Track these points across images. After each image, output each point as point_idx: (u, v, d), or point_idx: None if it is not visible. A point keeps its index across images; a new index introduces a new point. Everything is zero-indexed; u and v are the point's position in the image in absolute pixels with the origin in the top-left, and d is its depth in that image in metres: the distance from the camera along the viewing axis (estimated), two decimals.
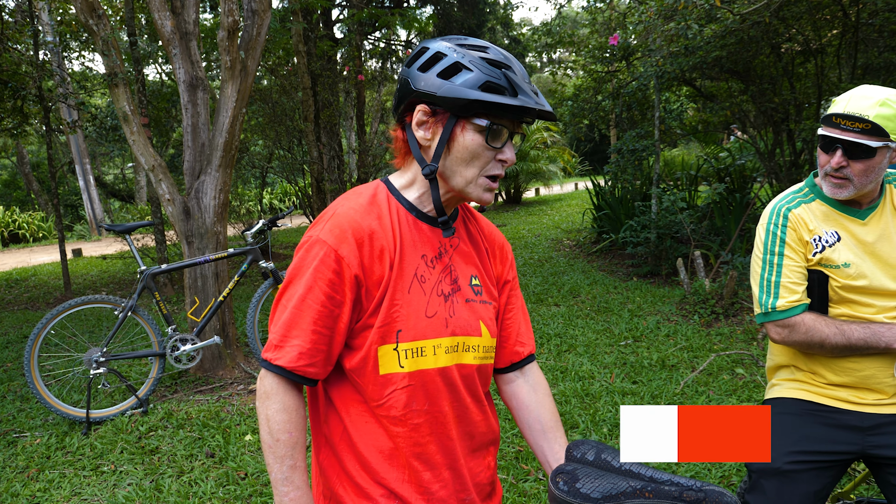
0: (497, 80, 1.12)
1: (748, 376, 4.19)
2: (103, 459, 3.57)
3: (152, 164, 4.70)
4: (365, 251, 1.15)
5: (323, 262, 1.13)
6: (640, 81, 7.42)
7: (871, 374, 1.75)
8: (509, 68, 1.14)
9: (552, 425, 1.37)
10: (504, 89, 1.12)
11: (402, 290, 1.18)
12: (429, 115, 1.16)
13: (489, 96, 1.11)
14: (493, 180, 1.20)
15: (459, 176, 1.18)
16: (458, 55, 1.14)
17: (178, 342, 4.26)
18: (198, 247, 4.68)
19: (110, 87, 4.70)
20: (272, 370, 1.16)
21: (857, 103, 1.63)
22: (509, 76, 1.13)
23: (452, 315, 1.23)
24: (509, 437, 3.54)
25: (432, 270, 1.23)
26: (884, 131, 1.60)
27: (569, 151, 19.17)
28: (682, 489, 1.30)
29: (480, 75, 1.12)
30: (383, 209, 1.20)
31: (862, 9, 5.84)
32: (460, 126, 1.15)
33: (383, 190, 1.24)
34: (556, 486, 1.38)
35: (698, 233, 7.05)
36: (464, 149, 1.16)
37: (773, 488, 1.77)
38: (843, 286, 1.76)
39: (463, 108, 1.12)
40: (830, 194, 1.76)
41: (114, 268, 11.23)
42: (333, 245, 1.13)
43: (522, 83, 1.14)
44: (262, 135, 11.26)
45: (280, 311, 1.17)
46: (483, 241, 1.37)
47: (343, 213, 1.17)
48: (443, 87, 1.12)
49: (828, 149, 1.71)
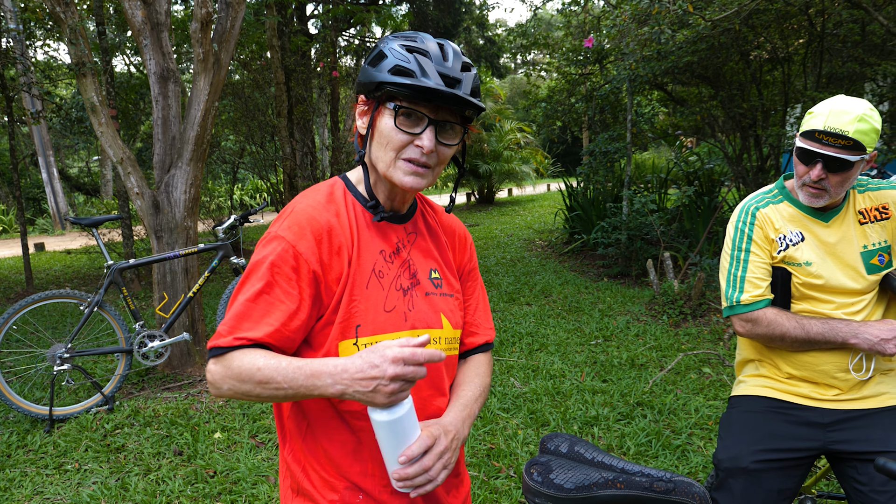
0: (405, 63, 1.14)
1: (714, 375, 4.28)
2: (67, 458, 3.49)
3: (121, 157, 4.61)
4: (324, 248, 1.16)
5: (280, 258, 1.14)
6: (613, 84, 7.52)
7: (828, 368, 1.83)
8: (425, 54, 1.16)
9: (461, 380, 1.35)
10: (412, 73, 1.13)
11: (361, 285, 1.19)
12: (365, 104, 1.22)
13: (394, 77, 1.13)
14: (416, 165, 1.18)
15: (380, 161, 1.20)
16: (388, 47, 1.17)
17: (145, 338, 4.18)
18: (167, 242, 4.60)
19: (77, 76, 4.59)
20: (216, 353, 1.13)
21: (837, 119, 1.68)
22: (420, 60, 1.14)
23: (412, 309, 1.24)
24: (481, 435, 3.56)
25: (390, 265, 1.24)
26: (862, 146, 1.67)
27: (542, 153, 19.33)
28: (653, 480, 1.34)
29: (392, 59, 1.15)
30: (340, 206, 1.22)
31: (827, 19, 6.01)
32: (378, 112, 1.19)
33: (340, 186, 1.27)
34: (530, 477, 1.41)
35: (668, 235, 7.17)
36: (380, 133, 1.18)
37: (741, 487, 1.82)
38: (804, 283, 1.84)
39: (373, 91, 1.17)
40: (807, 203, 1.83)
41: (78, 263, 10.98)
42: (292, 241, 1.14)
43: (432, 67, 1.14)
44: (234, 130, 11.11)
45: (234, 304, 1.17)
46: (443, 234, 1.39)
47: (301, 210, 1.18)
48: (362, 74, 1.18)
49: (808, 161, 1.77)
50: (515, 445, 3.41)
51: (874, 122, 1.68)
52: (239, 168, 12.41)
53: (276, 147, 10.88)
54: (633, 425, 3.58)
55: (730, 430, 1.93)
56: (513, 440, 3.48)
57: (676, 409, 3.77)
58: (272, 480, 3.15)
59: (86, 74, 4.55)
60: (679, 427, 3.55)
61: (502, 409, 3.88)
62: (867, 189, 1.89)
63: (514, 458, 3.28)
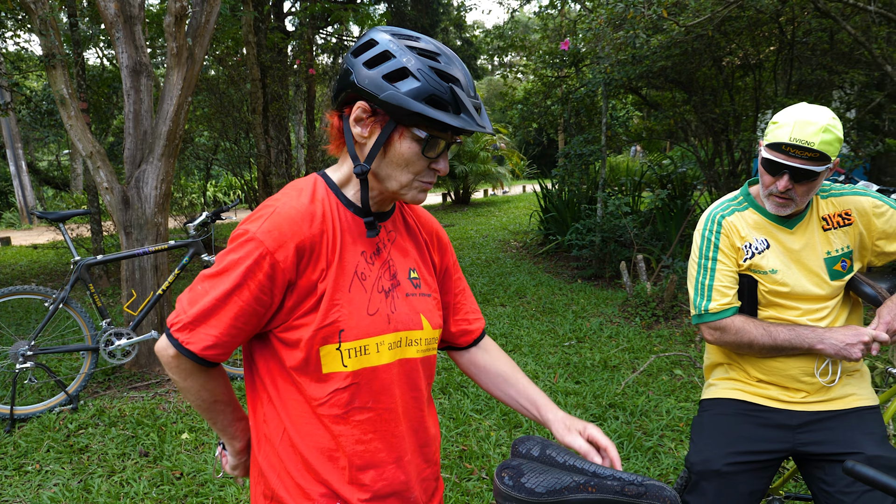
0: (443, 94, 1.10)
1: (686, 377, 4.33)
2: (27, 458, 3.40)
3: (90, 151, 4.51)
4: (304, 258, 1.13)
5: (256, 264, 1.10)
6: (588, 88, 7.57)
7: (795, 373, 1.85)
8: (457, 82, 1.12)
9: (511, 371, 1.44)
10: (448, 104, 1.10)
11: (343, 289, 1.16)
12: (368, 113, 1.14)
13: (433, 112, 1.09)
14: (427, 184, 1.20)
15: (394, 180, 1.17)
16: (407, 59, 1.10)
17: (112, 336, 4.09)
18: (136, 238, 4.51)
19: (47, 68, 4.47)
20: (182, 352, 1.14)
21: (802, 130, 1.68)
22: (456, 92, 1.11)
23: (394, 311, 1.22)
24: (453, 437, 3.55)
25: (372, 267, 1.22)
26: (827, 157, 1.69)
27: (518, 154, 19.39)
28: (624, 483, 1.33)
29: (427, 87, 1.09)
30: (325, 207, 1.18)
31: (797, 27, 6.12)
32: (398, 132, 1.14)
33: (322, 185, 1.22)
34: (501, 481, 1.39)
35: (641, 237, 7.24)
36: (399, 155, 1.15)
37: (713, 489, 1.84)
38: (770, 291, 1.86)
39: (404, 116, 1.11)
40: (774, 212, 1.85)
41: (45, 258, 10.71)
42: (270, 248, 1.10)
43: (467, 99, 1.12)
44: (208, 126, 10.94)
45: (201, 292, 1.14)
46: (421, 233, 1.37)
47: (285, 215, 1.13)
48: (386, 92, 1.09)
49: (774, 172, 1.78)
50: (488, 447, 3.41)
51: (837, 132, 1.70)
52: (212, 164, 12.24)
53: (250, 144, 10.74)
54: (606, 427, 3.60)
55: (702, 434, 1.94)
56: (485, 442, 3.48)
57: (648, 411, 3.81)
58: (240, 483, 3.10)
59: (56, 66, 4.45)
60: (651, 429, 3.58)
61: (475, 411, 3.87)
62: (830, 195, 1.90)
63: (487, 460, 3.28)
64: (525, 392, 1.40)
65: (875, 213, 1.86)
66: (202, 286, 1.14)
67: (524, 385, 1.41)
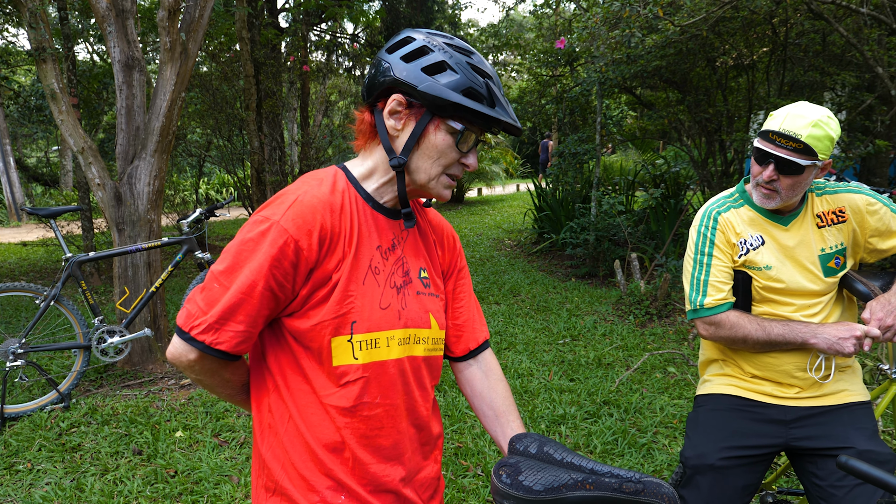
0: (479, 87, 1.14)
1: (679, 375, 4.35)
2: (19, 458, 3.37)
3: (82, 146, 4.47)
4: (325, 244, 1.13)
5: (281, 251, 1.09)
6: (583, 87, 7.59)
7: (789, 368, 1.87)
8: (491, 78, 1.17)
9: (504, 409, 1.39)
10: (483, 98, 1.15)
11: (357, 280, 1.17)
12: (404, 106, 1.16)
13: (470, 102, 1.13)
14: (453, 179, 1.23)
15: (423, 172, 1.19)
16: (445, 54, 1.15)
17: (105, 334, 4.06)
18: (129, 235, 4.48)
19: (37, 62, 4.43)
20: (209, 352, 1.12)
21: (793, 122, 1.72)
22: (491, 86, 1.16)
23: (405, 307, 1.23)
24: (448, 434, 3.54)
25: (386, 262, 1.22)
26: (813, 151, 1.71)
27: (511, 153, 19.42)
28: (622, 480, 1.33)
29: (465, 80, 1.14)
30: (344, 199, 1.19)
31: (790, 29, 6.15)
32: (434, 124, 1.16)
33: (342, 178, 1.23)
34: (498, 479, 1.39)
35: (635, 236, 7.26)
36: (433, 147, 1.17)
37: (707, 484, 1.85)
38: (764, 287, 1.88)
39: (442, 108, 1.14)
40: (759, 203, 1.87)
41: (35, 255, 10.63)
42: (294, 235, 1.10)
43: (500, 95, 1.17)
44: (201, 122, 10.88)
45: (219, 289, 1.11)
46: (431, 233, 1.37)
47: (307, 203, 1.13)
48: (425, 83, 1.13)
49: (761, 161, 1.81)
50: (483, 444, 3.41)
51: (829, 130, 1.71)
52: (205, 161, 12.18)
53: (243, 141, 10.70)
54: (600, 424, 3.61)
55: (696, 429, 1.96)
56: (480, 439, 3.48)
57: (642, 408, 3.82)
58: (235, 480, 3.09)
59: (46, 60, 4.41)
60: (645, 425, 3.59)
61: (470, 408, 3.88)
62: (825, 192, 1.92)
63: (482, 457, 3.28)
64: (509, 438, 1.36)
65: (868, 211, 1.88)
66: (219, 282, 1.12)
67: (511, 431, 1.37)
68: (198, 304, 1.13)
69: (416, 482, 1.30)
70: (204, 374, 1.18)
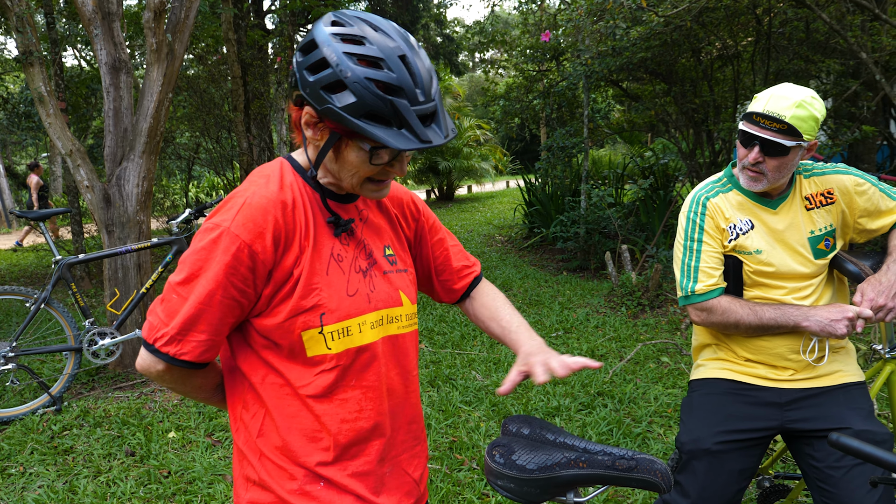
0: (382, 110, 1.03)
1: (672, 364, 4.37)
2: (11, 461, 3.35)
3: (70, 149, 4.45)
4: (281, 243, 1.12)
5: (235, 258, 1.07)
6: (569, 81, 7.60)
7: (782, 351, 1.87)
8: (400, 92, 1.03)
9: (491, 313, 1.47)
10: (389, 120, 1.04)
11: (320, 272, 1.15)
12: (315, 119, 1.11)
13: (370, 128, 1.03)
14: (381, 183, 1.18)
15: (345, 181, 1.17)
16: (343, 69, 1.02)
17: (96, 336, 4.04)
18: (119, 236, 4.46)
19: (24, 66, 4.40)
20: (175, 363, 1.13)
21: (776, 103, 1.71)
22: (398, 106, 1.03)
23: (373, 289, 1.22)
24: (443, 428, 3.55)
25: (347, 248, 1.21)
26: (798, 132, 1.70)
27: (500, 150, 19.44)
28: (615, 458, 1.34)
29: (362, 103, 1.02)
30: (295, 193, 1.16)
31: (773, 17, 6.19)
32: (344, 142, 1.11)
33: (289, 170, 1.20)
34: (492, 459, 1.40)
35: (625, 228, 7.29)
36: (348, 161, 1.13)
37: (704, 468, 1.84)
38: (755, 271, 1.88)
39: (345, 130, 1.08)
40: (746, 186, 1.87)
41: (25, 261, 10.56)
42: (247, 239, 1.08)
43: (410, 113, 1.04)
44: (189, 125, 10.84)
45: (178, 300, 1.10)
46: (392, 206, 1.36)
47: (256, 205, 1.10)
48: (324, 105, 1.04)
49: (746, 144, 1.80)
50: (478, 438, 3.42)
51: (813, 110, 1.71)
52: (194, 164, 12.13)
53: (232, 142, 10.66)
54: (595, 415, 3.63)
55: (691, 414, 1.95)
56: (475, 433, 3.48)
57: (636, 398, 3.84)
58: (229, 479, 3.08)
59: (33, 63, 4.38)
60: (639, 415, 3.61)
61: (464, 402, 3.88)
62: (812, 174, 1.92)
63: (477, 451, 3.28)
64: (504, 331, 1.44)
65: (857, 192, 1.88)
66: (177, 293, 1.10)
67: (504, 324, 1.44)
68: (159, 315, 1.12)
69: (404, 460, 1.29)
70: (174, 382, 1.19)
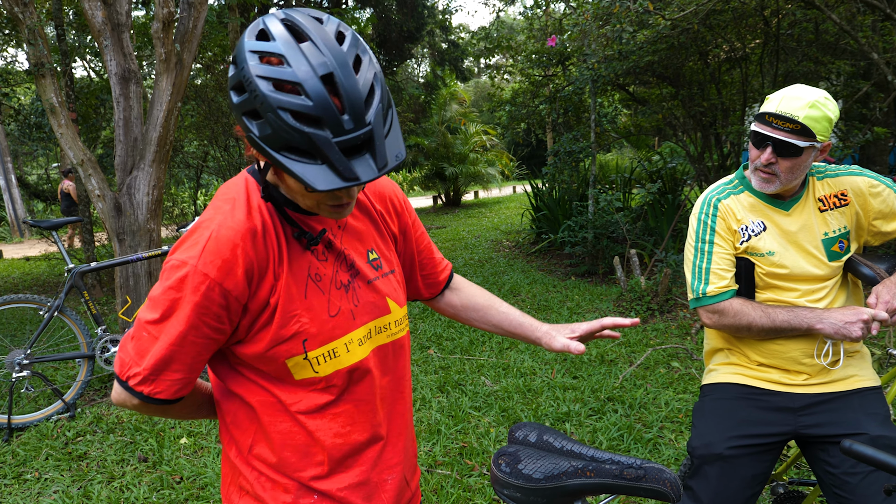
0: (298, 143, 0.91)
1: (683, 369, 4.35)
2: (26, 467, 3.38)
3: (81, 159, 4.50)
4: (254, 276, 1.06)
5: (206, 297, 1.02)
6: (575, 86, 7.60)
7: (796, 355, 1.84)
8: (318, 122, 0.90)
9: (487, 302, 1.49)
10: (310, 154, 0.92)
11: (298, 297, 1.10)
12: None
13: (289, 163, 0.91)
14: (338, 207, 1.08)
15: (301, 203, 1.09)
16: (257, 96, 0.90)
17: (108, 343, 4.08)
18: (129, 244, 4.50)
19: (36, 77, 4.47)
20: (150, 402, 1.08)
21: (789, 103, 1.70)
22: (314, 140, 0.90)
23: (357, 304, 1.17)
24: (453, 434, 3.55)
25: (326, 264, 1.15)
26: (811, 132, 1.69)
27: (507, 155, 19.42)
28: (623, 467, 1.34)
29: (276, 136, 0.91)
30: (264, 216, 1.09)
31: (782, 19, 6.16)
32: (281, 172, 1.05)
33: (255, 189, 1.11)
34: (498, 468, 1.40)
35: (633, 232, 7.27)
36: (292, 188, 1.05)
37: (716, 474, 1.82)
38: (767, 273, 1.85)
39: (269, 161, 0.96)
40: (759, 188, 1.85)
41: (38, 270, 10.66)
42: (217, 278, 1.01)
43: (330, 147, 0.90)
44: (198, 134, 10.91)
45: (149, 338, 1.05)
46: (373, 206, 1.28)
47: (224, 238, 1.03)
48: (248, 134, 0.94)
49: (759, 145, 1.79)
50: (488, 443, 3.42)
51: (827, 111, 1.69)
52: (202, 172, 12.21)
53: (240, 150, 10.72)
54: (605, 420, 3.62)
55: (703, 418, 1.93)
56: (485, 438, 3.48)
57: (647, 403, 3.82)
58: None
59: (45, 75, 4.44)
60: (650, 420, 3.60)
61: (474, 408, 3.88)
62: (826, 175, 1.90)
63: (487, 456, 3.29)
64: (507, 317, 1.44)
65: (871, 193, 1.86)
66: (148, 332, 1.05)
67: (504, 311, 1.45)
68: (129, 353, 1.07)
69: (402, 464, 1.29)
70: (152, 413, 1.15)
